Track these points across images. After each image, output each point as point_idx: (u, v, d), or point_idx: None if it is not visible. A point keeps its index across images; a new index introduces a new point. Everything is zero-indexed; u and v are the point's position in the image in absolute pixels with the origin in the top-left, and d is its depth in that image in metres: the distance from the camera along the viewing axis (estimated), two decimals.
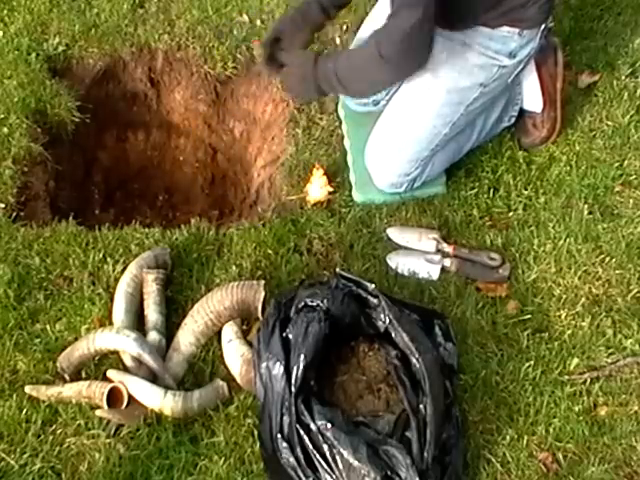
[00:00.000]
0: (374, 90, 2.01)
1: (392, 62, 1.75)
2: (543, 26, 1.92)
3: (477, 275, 1.91)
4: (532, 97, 2.15)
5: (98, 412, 1.64)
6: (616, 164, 2.15)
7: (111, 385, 1.64)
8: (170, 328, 1.79)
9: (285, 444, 1.51)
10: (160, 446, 1.62)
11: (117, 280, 1.84)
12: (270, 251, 1.94)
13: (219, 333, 1.76)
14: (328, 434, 1.48)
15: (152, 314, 1.78)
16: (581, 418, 1.70)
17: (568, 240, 1.98)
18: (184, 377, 1.73)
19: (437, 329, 1.73)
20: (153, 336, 1.74)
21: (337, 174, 2.11)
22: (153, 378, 1.69)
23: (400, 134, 2.00)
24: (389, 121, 2.03)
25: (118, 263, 1.90)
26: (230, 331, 1.75)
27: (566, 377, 1.76)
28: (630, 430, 1.70)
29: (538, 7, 1.86)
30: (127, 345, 1.69)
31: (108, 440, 1.62)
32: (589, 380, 1.76)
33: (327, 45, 2.42)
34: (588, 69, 2.35)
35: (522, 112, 2.18)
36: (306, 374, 1.55)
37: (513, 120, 2.18)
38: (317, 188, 2.05)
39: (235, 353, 1.71)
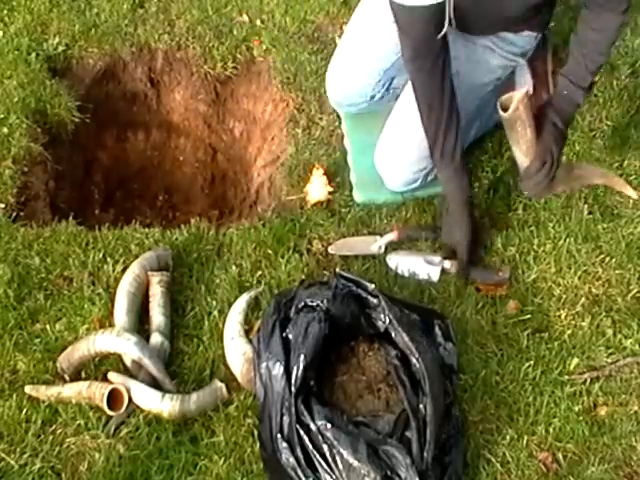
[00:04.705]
0: None
1: None
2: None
3: (477, 277, 1.91)
4: (523, 80, 2.14)
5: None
6: (616, 164, 2.15)
7: (111, 386, 1.63)
8: (171, 328, 1.78)
9: (285, 444, 1.51)
10: (160, 446, 1.62)
11: (117, 280, 1.83)
12: (270, 251, 1.94)
13: (221, 332, 1.76)
14: (328, 434, 1.48)
15: (156, 316, 1.77)
16: (581, 418, 1.70)
17: (568, 240, 1.98)
18: (185, 376, 1.73)
19: (437, 329, 1.73)
20: (156, 338, 1.74)
21: (337, 174, 2.11)
22: (154, 380, 1.69)
23: (417, 132, 1.90)
24: (404, 120, 1.98)
25: (118, 263, 1.90)
26: (233, 329, 1.75)
27: (566, 377, 1.76)
28: (630, 430, 1.70)
29: (550, 8, 1.91)
30: (127, 349, 1.68)
31: (108, 440, 1.62)
32: (589, 380, 1.76)
33: (327, 45, 2.42)
34: None
35: None
36: (306, 374, 1.55)
37: None
38: (317, 188, 2.05)
39: (237, 351, 1.71)
